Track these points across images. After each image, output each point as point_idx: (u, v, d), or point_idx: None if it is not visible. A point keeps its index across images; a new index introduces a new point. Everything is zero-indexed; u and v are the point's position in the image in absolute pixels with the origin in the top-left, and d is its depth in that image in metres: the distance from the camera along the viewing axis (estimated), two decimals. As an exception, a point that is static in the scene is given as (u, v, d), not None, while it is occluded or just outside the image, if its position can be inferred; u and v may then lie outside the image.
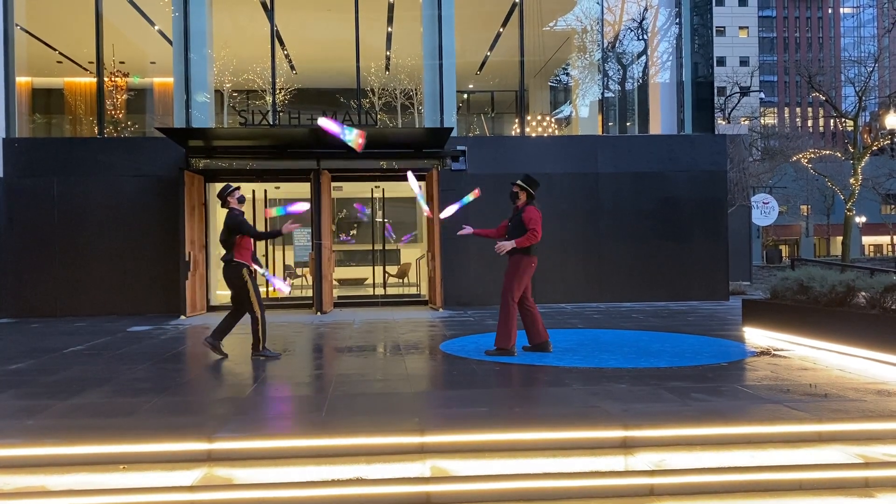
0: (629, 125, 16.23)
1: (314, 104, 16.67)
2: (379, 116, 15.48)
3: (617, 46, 15.91)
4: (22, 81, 14.03)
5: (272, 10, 13.95)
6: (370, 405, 5.26)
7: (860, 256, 44.63)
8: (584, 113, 16.25)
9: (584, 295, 13.47)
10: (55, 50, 15.95)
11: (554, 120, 17.40)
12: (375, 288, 15.91)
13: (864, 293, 7.34)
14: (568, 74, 17.91)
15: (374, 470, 4.10)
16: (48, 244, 12.50)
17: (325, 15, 14.92)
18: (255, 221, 14.71)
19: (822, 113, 74.38)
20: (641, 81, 15.80)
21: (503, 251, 7.15)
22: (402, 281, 16.46)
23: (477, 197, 7.41)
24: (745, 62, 57.17)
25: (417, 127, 15.51)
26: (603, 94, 15.38)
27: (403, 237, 17.74)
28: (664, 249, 13.66)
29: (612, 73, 15.98)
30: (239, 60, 15.50)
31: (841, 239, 28.37)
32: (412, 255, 17.49)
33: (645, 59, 15.68)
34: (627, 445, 4.41)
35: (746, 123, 33.74)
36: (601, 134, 14.92)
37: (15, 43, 13.06)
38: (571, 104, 17.57)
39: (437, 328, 10.06)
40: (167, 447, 4.29)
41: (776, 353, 7.37)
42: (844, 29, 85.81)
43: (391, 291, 15.53)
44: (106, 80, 14.12)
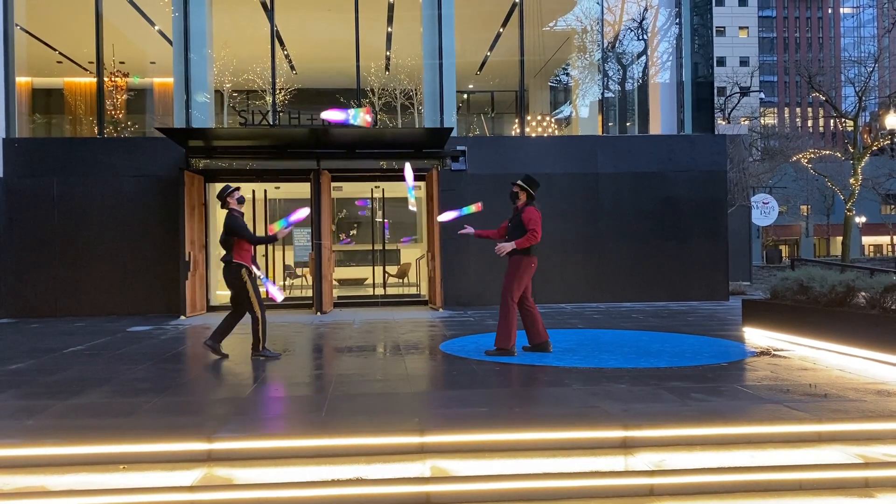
0: (629, 125, 16.23)
1: (314, 104, 16.68)
2: (379, 116, 15.49)
3: (617, 46, 15.91)
4: (22, 81, 14.04)
5: (272, 10, 13.96)
6: (370, 405, 5.26)
7: (860, 256, 44.61)
8: (584, 113, 16.25)
9: (583, 295, 13.47)
10: (55, 50, 15.95)
11: (554, 120, 17.40)
12: (375, 288, 15.91)
13: (863, 293, 7.34)
14: (568, 74, 17.91)
15: (373, 470, 4.10)
16: (48, 244, 12.51)
17: (325, 15, 14.92)
18: (255, 221, 14.73)
19: (822, 113, 74.39)
20: (641, 81, 15.80)
21: (503, 253, 7.14)
22: (402, 281, 16.45)
23: (479, 210, 7.48)
24: (745, 62, 57.18)
25: (417, 127, 15.51)
26: (603, 94, 15.38)
27: (403, 240, 17.73)
28: (664, 249, 13.67)
29: (612, 73, 15.98)
30: (239, 60, 15.49)
31: (841, 239, 28.37)
32: (412, 255, 17.49)
33: (645, 59, 15.68)
34: (627, 445, 4.41)
35: (746, 123, 33.74)
36: (601, 134, 14.92)
37: (15, 43, 13.06)
38: (571, 104, 17.56)
39: (436, 328, 10.07)
40: (167, 447, 4.29)
41: (776, 353, 7.37)
42: (844, 29, 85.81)
43: (391, 291, 15.53)
44: (106, 80, 14.12)
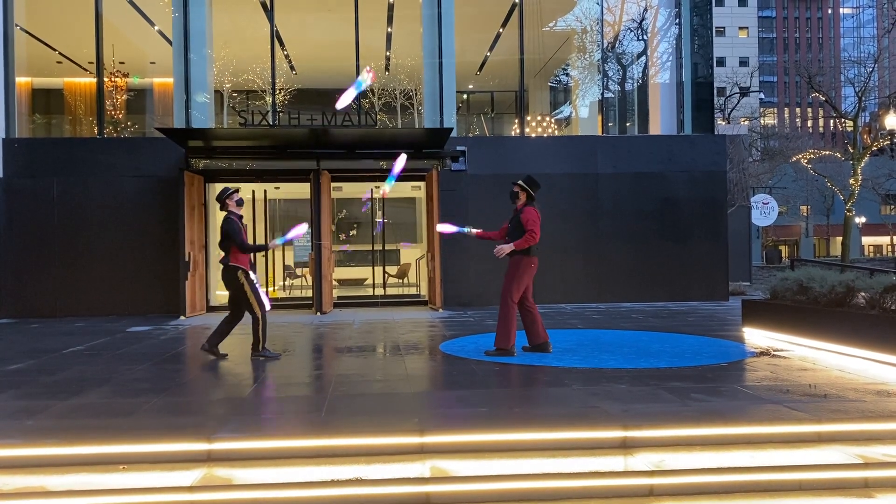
0: (629, 125, 16.24)
1: (314, 104, 16.65)
2: (379, 117, 15.49)
3: (617, 47, 15.91)
4: (22, 81, 14.03)
5: (272, 10, 13.96)
6: (370, 405, 5.26)
7: (860, 257, 44.59)
8: (583, 113, 16.26)
9: (583, 295, 13.47)
10: (55, 50, 15.95)
11: (554, 120, 17.40)
12: (375, 288, 15.90)
13: (863, 293, 7.34)
14: (568, 75, 17.91)
15: (373, 470, 4.10)
16: (48, 244, 12.51)
17: (324, 15, 14.93)
18: (254, 222, 14.72)
19: (821, 113, 74.39)
20: (641, 82, 15.81)
21: (502, 254, 7.15)
22: (401, 281, 16.45)
23: (479, 236, 7.54)
24: (744, 62, 57.18)
25: (417, 127, 15.51)
26: (603, 94, 15.38)
27: (403, 244, 17.75)
28: (664, 250, 13.67)
29: (611, 73, 15.98)
30: (239, 61, 15.50)
31: (841, 239, 28.37)
32: (412, 255, 17.49)
33: (645, 59, 15.69)
34: (627, 446, 4.41)
35: (746, 124, 33.73)
36: (601, 134, 14.92)
37: (15, 43, 13.07)
38: (571, 104, 17.57)
39: (436, 328, 10.07)
40: (167, 447, 4.29)
41: (776, 353, 7.37)
42: (844, 29, 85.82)
43: (391, 292, 15.52)
44: (106, 80, 14.12)
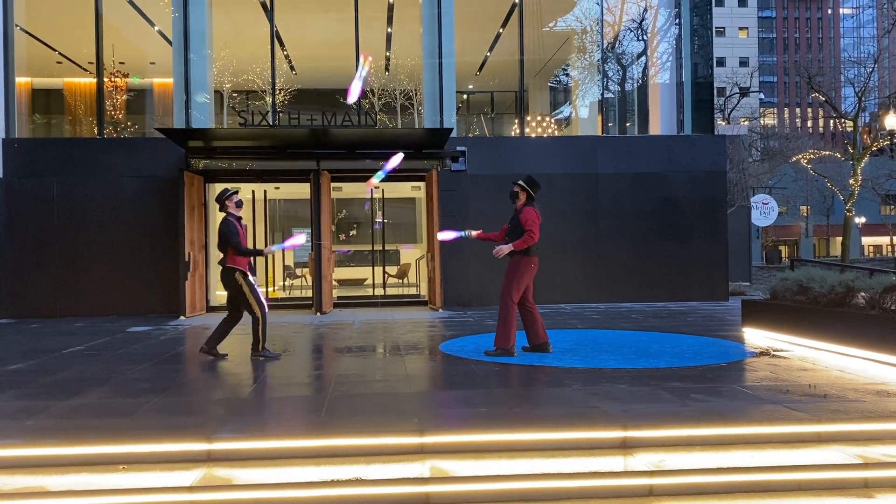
0: (629, 126, 16.24)
1: (314, 105, 16.67)
2: (379, 117, 15.48)
3: (617, 47, 15.91)
4: (22, 82, 14.03)
5: (272, 10, 13.96)
6: (370, 406, 5.26)
7: (860, 257, 44.59)
8: (583, 113, 16.26)
9: (583, 295, 13.47)
10: (55, 50, 15.94)
11: (554, 120, 17.40)
12: (375, 288, 15.90)
13: (863, 294, 7.34)
14: (568, 75, 17.91)
15: (373, 470, 4.11)
16: (48, 244, 12.51)
17: (324, 15, 14.93)
18: (254, 222, 14.72)
19: (821, 113, 74.39)
20: (641, 82, 15.81)
21: (500, 255, 7.16)
22: (401, 281, 16.45)
23: (479, 237, 7.54)
24: (744, 63, 57.14)
25: (417, 127, 15.51)
26: (603, 94, 15.38)
27: (404, 247, 17.77)
28: (664, 250, 13.66)
29: (611, 73, 15.98)
30: (239, 61, 15.49)
31: (840, 239, 28.37)
32: (412, 255, 17.50)
33: (644, 59, 15.69)
34: (627, 446, 4.41)
35: (746, 124, 33.73)
36: (601, 134, 14.92)
37: (15, 43, 13.06)
38: (571, 105, 17.57)
39: (436, 329, 10.07)
40: (167, 447, 4.29)
41: (775, 353, 7.37)
42: (844, 30, 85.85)
43: (391, 292, 15.52)
44: (106, 80, 14.12)
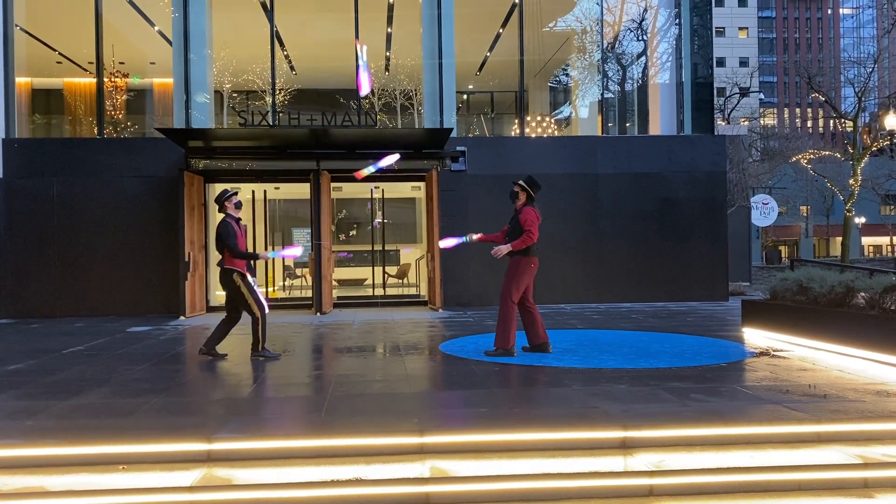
0: (629, 126, 16.24)
1: (314, 105, 16.67)
2: (378, 117, 15.48)
3: (616, 47, 15.91)
4: (21, 82, 14.03)
5: (272, 10, 13.96)
6: (369, 406, 5.26)
7: (860, 257, 44.59)
8: (583, 114, 16.26)
9: (583, 295, 13.47)
10: (55, 50, 15.94)
11: (553, 121, 17.40)
12: (375, 288, 15.91)
13: (863, 294, 7.34)
14: (567, 75, 17.91)
15: (373, 470, 4.10)
16: (48, 245, 12.50)
17: (324, 15, 14.92)
18: (254, 223, 14.73)
19: (821, 114, 74.39)
20: (641, 82, 15.81)
21: (499, 255, 7.17)
22: (401, 281, 16.45)
23: (480, 240, 7.51)
24: (744, 63, 57.13)
25: (417, 127, 15.51)
26: (602, 94, 15.38)
27: (404, 248, 17.77)
28: (664, 250, 13.66)
29: (611, 73, 15.98)
30: (239, 61, 15.49)
31: (840, 240, 28.37)
32: (412, 255, 17.50)
33: (644, 59, 15.69)
34: (627, 446, 4.41)
35: (746, 124, 33.74)
36: (601, 135, 14.92)
37: (15, 43, 13.06)
38: (571, 105, 17.57)
39: (436, 329, 10.07)
40: (166, 447, 4.29)
41: (775, 353, 7.37)
42: (844, 30, 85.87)
43: (391, 292, 15.52)
44: (106, 80, 14.12)
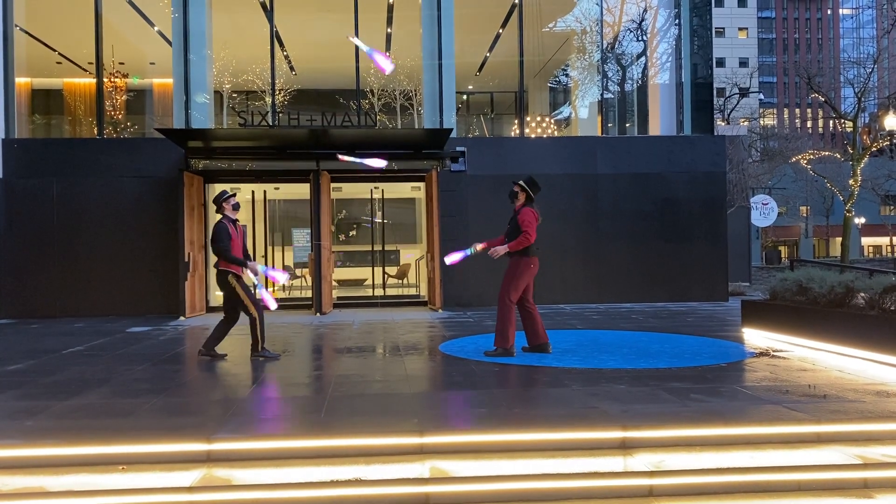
0: (628, 126, 16.24)
1: (314, 105, 16.67)
2: (378, 117, 15.49)
3: (616, 47, 15.91)
4: (21, 82, 14.02)
5: (272, 10, 13.96)
6: (369, 406, 5.26)
7: (859, 257, 44.61)
8: (583, 114, 16.26)
9: (583, 296, 13.47)
10: (55, 50, 15.94)
11: (553, 121, 17.40)
12: (375, 289, 15.91)
13: (863, 294, 7.34)
14: (567, 75, 17.91)
15: (373, 471, 4.10)
16: (47, 245, 12.50)
17: (324, 16, 14.92)
18: (254, 223, 14.73)
19: (821, 114, 74.39)
20: (641, 82, 15.81)
21: (497, 255, 7.19)
22: (401, 282, 16.45)
23: (485, 248, 7.43)
24: (744, 63, 57.13)
25: (417, 128, 15.51)
26: (602, 95, 15.38)
27: (406, 255, 17.77)
28: (663, 250, 13.66)
29: (611, 74, 15.98)
30: (238, 61, 15.49)
31: (840, 240, 28.38)
32: (412, 259, 17.50)
33: (644, 60, 15.69)
34: (626, 446, 4.41)
35: (746, 124, 33.74)
36: (600, 135, 14.92)
37: (14, 43, 13.06)
38: (571, 105, 17.57)
39: (436, 329, 10.07)
40: (166, 448, 4.29)
41: (775, 353, 7.37)
42: (844, 30, 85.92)
43: (391, 292, 15.52)
44: (105, 80, 14.12)
